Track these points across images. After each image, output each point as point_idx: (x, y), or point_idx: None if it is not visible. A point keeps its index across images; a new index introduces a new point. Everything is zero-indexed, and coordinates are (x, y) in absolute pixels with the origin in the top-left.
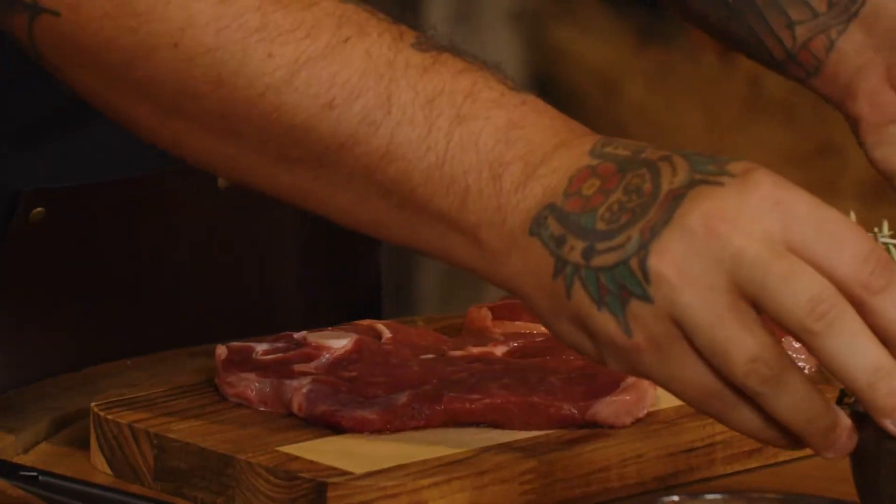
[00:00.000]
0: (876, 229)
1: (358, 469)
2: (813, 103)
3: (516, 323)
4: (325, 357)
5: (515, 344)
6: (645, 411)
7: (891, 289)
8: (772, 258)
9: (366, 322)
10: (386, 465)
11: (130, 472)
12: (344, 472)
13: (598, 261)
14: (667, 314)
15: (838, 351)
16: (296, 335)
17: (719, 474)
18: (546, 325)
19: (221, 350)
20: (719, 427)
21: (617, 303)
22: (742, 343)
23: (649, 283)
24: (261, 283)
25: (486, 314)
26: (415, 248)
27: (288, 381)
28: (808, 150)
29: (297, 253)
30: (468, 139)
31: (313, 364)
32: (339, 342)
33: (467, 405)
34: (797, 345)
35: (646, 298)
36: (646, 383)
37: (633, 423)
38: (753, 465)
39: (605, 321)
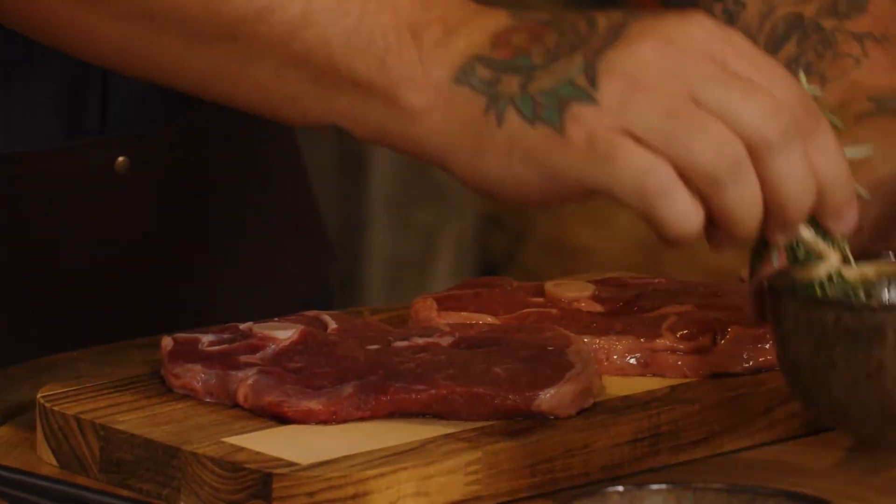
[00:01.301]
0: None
1: (304, 460)
2: None
3: (462, 314)
4: (271, 348)
5: (461, 335)
6: (591, 402)
7: (817, 134)
8: (727, 76)
9: (311, 313)
10: (332, 456)
11: (76, 464)
12: (290, 463)
13: (535, 85)
14: (614, 117)
15: (787, 168)
16: (241, 326)
17: (665, 464)
18: (463, 177)
19: (167, 341)
20: (665, 417)
21: (553, 111)
22: (708, 129)
23: (597, 89)
24: (199, 272)
25: (431, 305)
26: (330, 120)
27: (233, 373)
28: None
29: (239, 241)
30: (385, 1)
31: (259, 355)
32: (284, 333)
33: (413, 396)
34: (743, 334)
35: (590, 101)
36: (591, 373)
37: (578, 414)
38: (699, 455)
39: (537, 132)
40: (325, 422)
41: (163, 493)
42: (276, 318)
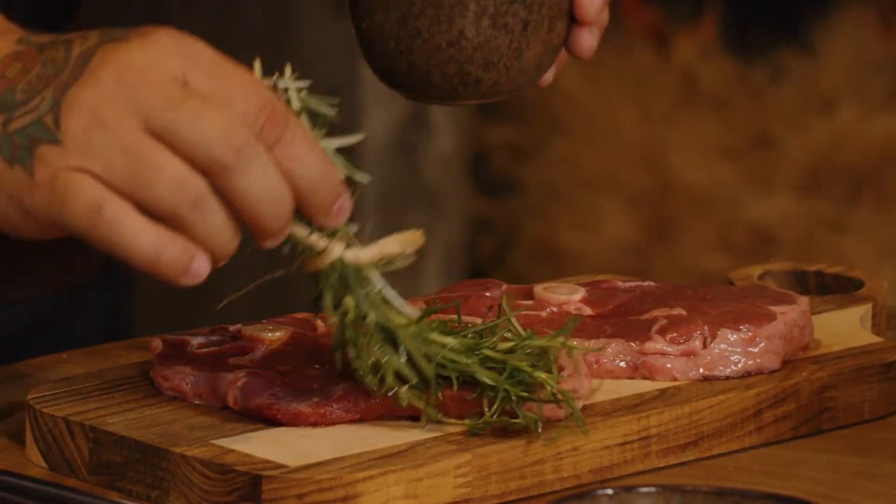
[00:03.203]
0: (277, 73)
1: (293, 462)
2: (747, 96)
3: (451, 316)
4: (261, 350)
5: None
6: (580, 405)
7: (284, 141)
8: (181, 99)
9: (301, 315)
10: (321, 459)
11: (65, 466)
12: (279, 466)
13: (14, 125)
14: (75, 156)
15: (255, 186)
16: (231, 328)
17: (654, 467)
18: None
19: (157, 343)
20: (654, 420)
21: (26, 152)
22: (164, 167)
23: (59, 129)
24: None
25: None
26: None
27: (223, 375)
28: (742, 142)
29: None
30: None
31: (248, 357)
32: (274, 335)
33: None
34: (733, 336)
35: (55, 142)
36: (581, 377)
37: (567, 417)
38: (688, 458)
39: (14, 172)
40: (314, 424)
41: (152, 495)
42: (265, 320)
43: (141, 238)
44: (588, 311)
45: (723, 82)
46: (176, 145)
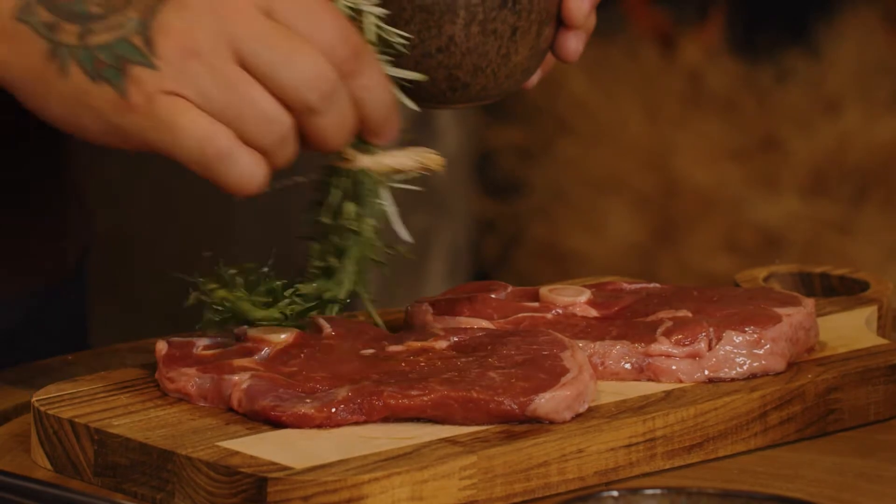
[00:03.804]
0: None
1: (298, 464)
2: (753, 98)
3: (457, 318)
4: (266, 352)
5: (456, 339)
6: (585, 406)
7: (361, 73)
8: (273, 36)
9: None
10: (326, 461)
11: (71, 468)
12: (284, 468)
13: (94, 40)
14: (171, 81)
15: (332, 122)
16: (236, 330)
17: (659, 469)
18: (37, 110)
19: (162, 345)
20: (660, 422)
21: (115, 72)
22: (257, 102)
23: (153, 53)
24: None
25: (426, 309)
26: None
27: (228, 377)
28: (749, 144)
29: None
30: None
31: (253, 359)
32: (279, 337)
33: (407, 400)
34: (738, 339)
35: (150, 66)
36: (586, 378)
37: (573, 419)
38: (694, 460)
39: (101, 91)
40: (319, 426)
41: (157, 498)
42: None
43: (250, 170)
44: (594, 312)
45: (729, 84)
46: (267, 82)
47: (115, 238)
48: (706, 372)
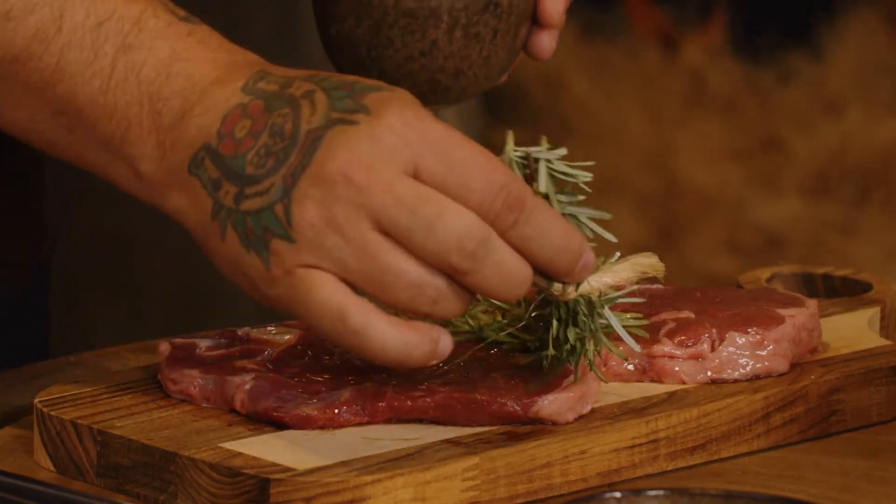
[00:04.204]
0: (532, 148)
1: (301, 465)
2: (755, 99)
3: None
4: (268, 353)
5: (458, 340)
6: (588, 408)
7: (520, 223)
8: (415, 203)
9: None
10: (329, 462)
11: (73, 469)
12: (287, 469)
13: (246, 205)
14: (310, 254)
15: (492, 278)
16: (239, 331)
17: (662, 470)
18: (212, 260)
19: (164, 346)
20: (662, 423)
21: (261, 244)
22: (401, 271)
23: (292, 227)
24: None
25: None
26: (86, 168)
27: (230, 378)
28: (750, 145)
29: None
30: (131, 70)
31: (256, 360)
32: (282, 338)
33: (410, 402)
34: (741, 340)
35: (288, 239)
36: (590, 380)
37: (575, 420)
38: (696, 461)
39: (251, 260)
40: (322, 427)
41: (160, 499)
42: (273, 323)
43: (389, 341)
44: None
45: (731, 85)
46: (411, 248)
47: (118, 238)
48: (709, 373)
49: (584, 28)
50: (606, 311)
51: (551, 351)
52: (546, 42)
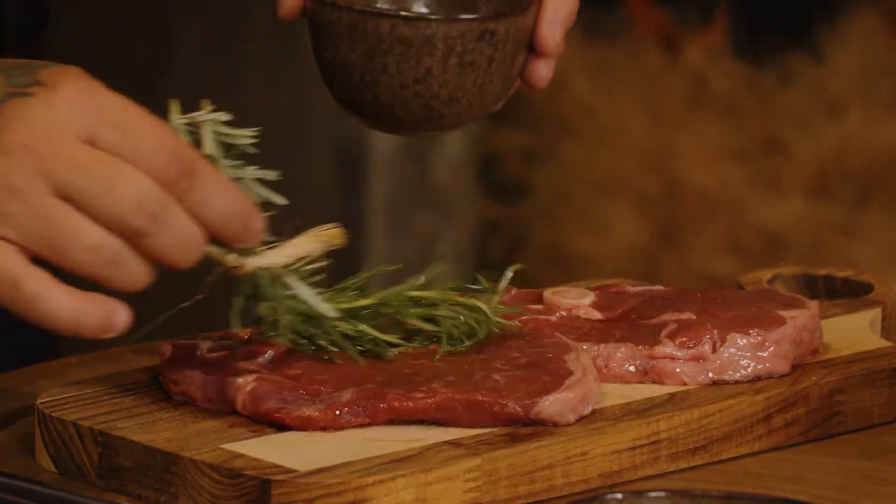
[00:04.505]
0: (195, 113)
1: (302, 467)
2: (756, 100)
3: None
4: (270, 354)
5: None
6: (589, 409)
7: (193, 188)
8: (91, 165)
9: None
10: (330, 463)
11: (75, 470)
12: (288, 470)
13: None
14: None
15: (169, 242)
16: (241, 333)
17: (663, 471)
18: None
19: (166, 347)
20: (664, 425)
21: None
22: (79, 233)
23: None
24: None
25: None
26: None
27: (232, 379)
28: (752, 145)
29: None
30: None
31: (257, 361)
32: (283, 339)
33: (411, 403)
34: (742, 341)
35: None
36: (590, 381)
37: (577, 421)
38: (698, 462)
39: None
40: (323, 428)
41: (161, 500)
42: None
43: (61, 309)
44: (597, 315)
45: (732, 86)
46: (90, 211)
47: None
48: (710, 374)
49: (586, 29)
50: (292, 281)
51: (238, 328)
52: (543, 70)
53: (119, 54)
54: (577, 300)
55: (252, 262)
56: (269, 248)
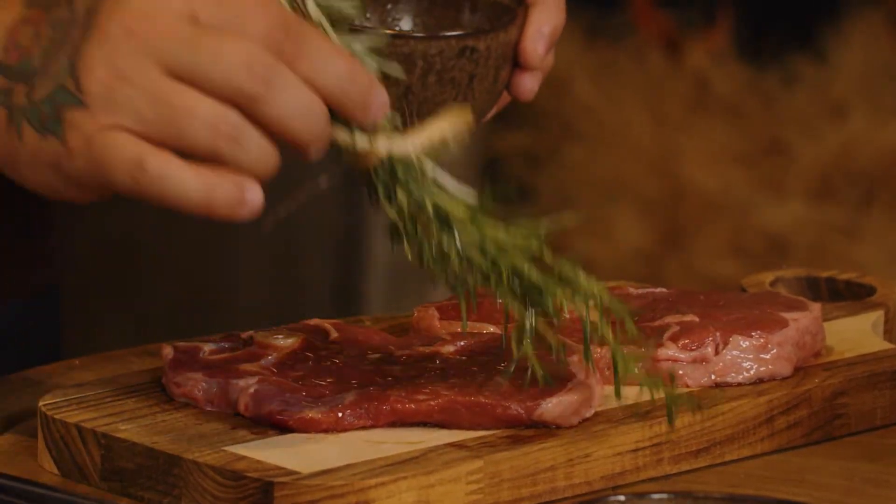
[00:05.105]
0: None
1: (305, 469)
2: (759, 102)
3: None
4: (272, 356)
5: (462, 343)
6: (592, 411)
7: (304, 55)
8: (196, 38)
9: (313, 321)
10: (333, 465)
11: (77, 472)
12: (291, 472)
13: (38, 94)
14: (105, 115)
15: (287, 109)
16: (243, 334)
17: (666, 474)
18: (17, 180)
19: (168, 350)
20: (666, 427)
21: (55, 121)
22: (195, 109)
23: (82, 93)
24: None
25: (433, 314)
26: None
27: (234, 381)
28: (755, 148)
29: (244, 253)
30: None
31: (260, 364)
32: (285, 341)
33: (414, 405)
34: (745, 343)
35: (82, 105)
36: (593, 383)
37: (579, 423)
38: (700, 464)
39: (49, 144)
40: (326, 430)
41: (164, 502)
42: (277, 327)
43: (189, 185)
44: None
45: (735, 89)
46: (202, 85)
47: (122, 243)
48: (713, 376)
49: (589, 31)
50: (431, 167)
51: (390, 212)
52: (528, 83)
53: None
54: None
55: (383, 147)
56: (396, 136)
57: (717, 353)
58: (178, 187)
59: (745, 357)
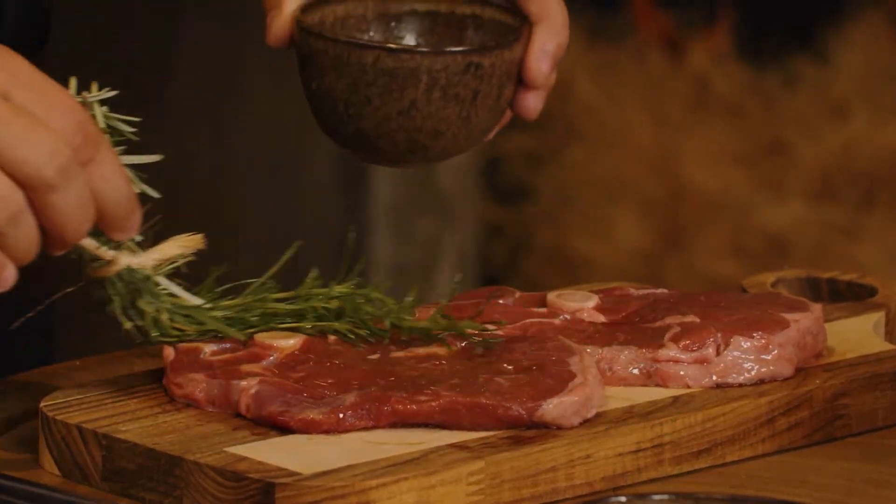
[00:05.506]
0: (86, 92)
1: (306, 469)
2: (760, 103)
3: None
4: (273, 357)
5: (463, 344)
6: (593, 412)
7: (96, 161)
8: (7, 116)
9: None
10: (334, 466)
11: (78, 473)
12: (292, 473)
13: None
14: None
15: (69, 204)
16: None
17: (667, 475)
18: None
19: (169, 351)
20: (667, 428)
21: None
22: None
23: None
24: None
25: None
26: None
27: (236, 382)
28: (755, 148)
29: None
30: None
31: (261, 365)
32: (287, 342)
33: (415, 406)
34: (746, 344)
35: None
36: (594, 384)
37: (580, 424)
38: (701, 465)
39: None
40: (327, 431)
41: (165, 503)
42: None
43: None
44: (601, 318)
45: (736, 89)
46: (4, 159)
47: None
48: (714, 377)
49: (590, 32)
50: (164, 280)
51: (127, 323)
52: (532, 102)
53: (121, 64)
54: (580, 303)
55: (124, 260)
56: (135, 252)
57: (718, 353)
58: None
59: (747, 358)
